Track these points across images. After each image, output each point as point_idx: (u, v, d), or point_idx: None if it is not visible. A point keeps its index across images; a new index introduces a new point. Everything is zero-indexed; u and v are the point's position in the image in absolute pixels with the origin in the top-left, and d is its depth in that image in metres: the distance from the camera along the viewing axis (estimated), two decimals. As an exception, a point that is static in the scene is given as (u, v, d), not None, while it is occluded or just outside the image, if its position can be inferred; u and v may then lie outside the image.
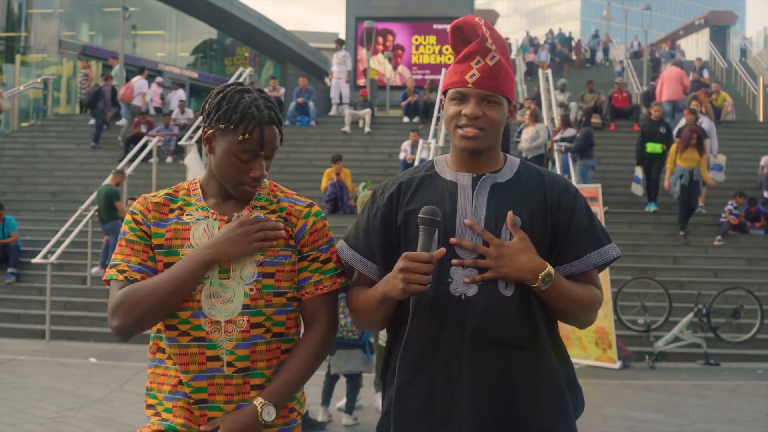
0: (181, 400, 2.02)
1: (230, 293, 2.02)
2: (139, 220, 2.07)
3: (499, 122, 2.02)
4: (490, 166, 2.05)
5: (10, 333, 10.11)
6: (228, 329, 2.01)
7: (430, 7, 25.04)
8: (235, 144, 2.01)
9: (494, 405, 1.92)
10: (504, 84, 2.02)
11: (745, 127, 17.98)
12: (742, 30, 66.82)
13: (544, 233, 2.00)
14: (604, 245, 2.06)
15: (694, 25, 43.68)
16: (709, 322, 9.26)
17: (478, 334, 1.93)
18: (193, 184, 2.15)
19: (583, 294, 2.02)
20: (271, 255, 2.06)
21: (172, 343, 2.03)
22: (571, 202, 2.04)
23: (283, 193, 2.17)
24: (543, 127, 13.13)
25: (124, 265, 2.04)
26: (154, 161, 14.29)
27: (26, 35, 25.11)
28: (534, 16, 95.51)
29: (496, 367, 1.93)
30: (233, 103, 2.03)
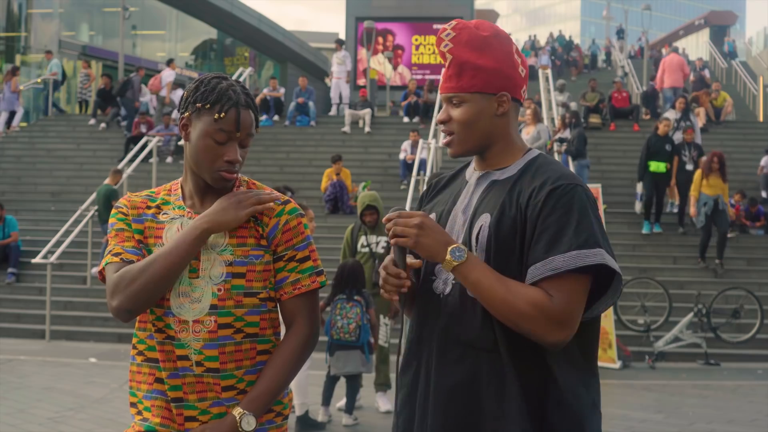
0: (159, 399, 2.02)
1: (199, 293, 2.00)
2: (125, 212, 2.07)
3: (467, 121, 1.94)
4: (498, 163, 1.99)
5: (10, 333, 10.11)
6: (195, 329, 1.99)
7: (430, 7, 25.04)
8: (211, 124, 2.00)
9: (458, 406, 1.88)
10: (466, 80, 1.95)
11: (745, 127, 17.99)
12: (743, 30, 66.84)
13: (513, 233, 1.86)
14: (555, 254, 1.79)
15: (694, 25, 43.69)
16: (709, 322, 9.26)
17: (446, 334, 1.92)
18: (175, 184, 2.14)
19: (496, 292, 1.80)
20: (241, 255, 2.03)
21: (149, 340, 2.03)
22: (541, 198, 1.83)
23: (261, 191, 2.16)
24: (544, 128, 13.13)
25: (119, 248, 2.03)
26: (154, 161, 14.29)
27: (26, 35, 25.12)
28: (534, 16, 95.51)
29: (461, 368, 1.88)
30: (210, 86, 2.03)
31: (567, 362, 1.86)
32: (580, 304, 1.82)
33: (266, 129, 17.02)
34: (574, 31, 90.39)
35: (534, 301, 1.78)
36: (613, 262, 1.81)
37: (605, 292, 1.87)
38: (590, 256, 1.78)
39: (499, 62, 1.95)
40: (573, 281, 1.79)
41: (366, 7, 25.20)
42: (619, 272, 1.84)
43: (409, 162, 14.00)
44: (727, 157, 15.28)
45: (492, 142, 1.98)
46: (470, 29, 1.98)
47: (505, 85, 1.96)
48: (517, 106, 2.01)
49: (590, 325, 1.93)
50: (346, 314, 5.96)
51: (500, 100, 1.96)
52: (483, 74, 1.94)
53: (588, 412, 1.90)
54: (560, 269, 1.78)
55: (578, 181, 1.88)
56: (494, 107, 1.96)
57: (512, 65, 1.97)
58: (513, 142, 2.00)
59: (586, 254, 1.78)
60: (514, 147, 2.00)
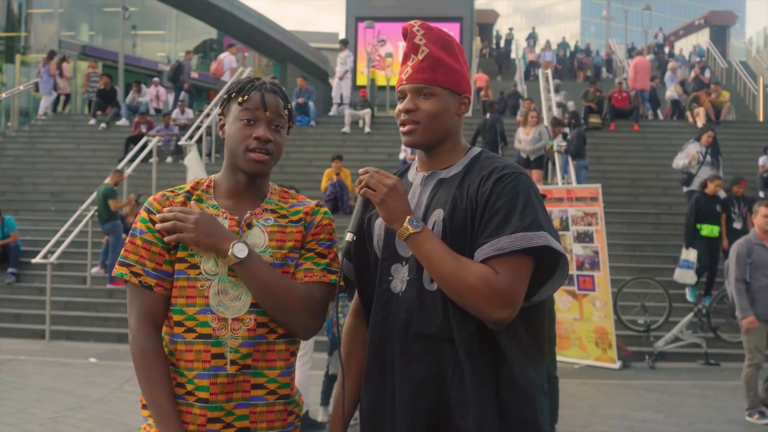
0: (179, 403, 2.01)
1: (238, 291, 2.03)
2: (156, 219, 2.07)
3: (435, 113, 2.01)
4: (443, 162, 2.07)
5: (10, 333, 10.11)
6: (234, 327, 2.02)
7: (430, 7, 25.02)
8: (238, 109, 2.09)
9: (425, 398, 1.93)
10: (440, 75, 2.02)
11: (745, 127, 17.99)
12: (743, 30, 66.83)
13: (465, 224, 1.93)
14: (501, 236, 1.86)
15: (694, 25, 43.68)
16: (709, 322, 9.26)
17: (407, 329, 1.96)
18: (208, 181, 2.18)
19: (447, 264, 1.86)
20: (280, 258, 2.08)
21: (177, 339, 2.03)
22: (489, 186, 1.93)
23: (295, 199, 2.21)
24: (544, 129, 13.14)
25: (139, 268, 2.04)
26: (154, 161, 14.29)
27: (26, 35, 25.12)
28: (534, 16, 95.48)
29: (426, 361, 1.93)
30: (236, 81, 2.15)
31: (517, 346, 1.93)
32: (523, 285, 1.89)
33: (266, 129, 17.02)
34: (574, 31, 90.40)
35: (482, 275, 1.85)
36: (557, 245, 1.89)
37: (552, 276, 1.94)
38: (535, 238, 1.86)
39: (462, 66, 2.07)
40: (518, 262, 1.87)
41: (366, 7, 25.19)
42: (565, 254, 1.92)
43: (409, 162, 13.99)
44: (727, 157, 15.31)
45: (446, 139, 2.07)
46: (439, 31, 2.10)
47: (467, 89, 2.07)
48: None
49: (538, 310, 2.00)
50: (347, 312, 5.95)
51: (462, 101, 2.07)
52: (454, 74, 2.04)
53: (539, 393, 1.96)
54: (505, 249, 1.85)
55: (522, 170, 1.98)
56: (457, 106, 2.06)
57: (468, 73, 2.10)
58: (460, 142, 2.10)
59: (530, 236, 1.86)
60: (460, 146, 2.09)
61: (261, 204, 2.14)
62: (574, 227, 8.87)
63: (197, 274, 2.03)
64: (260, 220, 2.11)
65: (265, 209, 2.13)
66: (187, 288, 2.03)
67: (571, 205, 8.94)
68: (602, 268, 8.70)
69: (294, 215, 2.15)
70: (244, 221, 2.09)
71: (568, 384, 7.31)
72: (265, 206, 2.14)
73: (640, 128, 16.79)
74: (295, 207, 2.17)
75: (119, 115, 17.89)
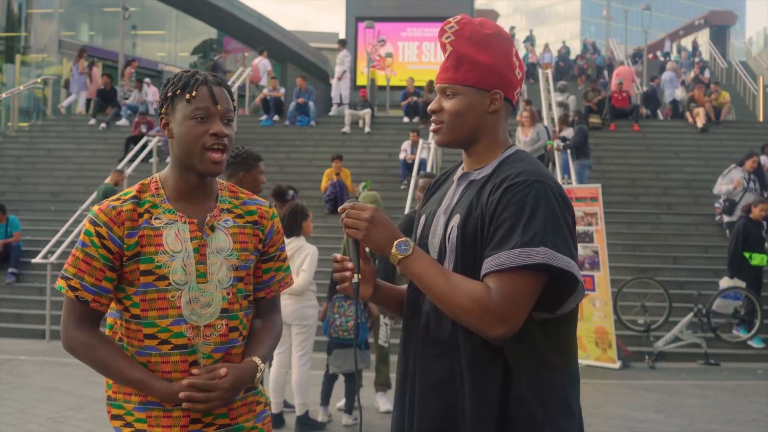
0: (156, 409, 1.99)
1: (208, 297, 2.01)
2: (103, 234, 1.98)
3: (457, 112, 1.97)
4: (479, 162, 2.02)
5: (10, 333, 10.12)
6: (206, 333, 2.00)
7: (430, 7, 25.02)
8: (186, 107, 2.00)
9: (437, 402, 1.91)
10: (463, 73, 1.97)
11: (745, 127, 17.99)
12: (743, 30, 66.81)
13: (476, 232, 1.88)
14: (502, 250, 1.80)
15: (694, 25, 43.66)
16: (709, 322, 9.25)
17: (425, 331, 1.95)
18: (155, 182, 2.08)
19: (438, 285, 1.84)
20: (244, 259, 2.07)
21: (151, 352, 1.99)
22: (497, 196, 1.86)
23: (245, 195, 2.17)
24: (542, 128, 13.12)
25: (76, 282, 1.99)
26: (154, 161, 14.30)
27: (26, 35, 25.12)
28: (534, 16, 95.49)
29: (439, 365, 1.91)
30: (176, 77, 2.06)
31: (534, 360, 1.86)
32: (522, 301, 1.81)
33: (266, 129, 17.03)
34: (574, 31, 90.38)
35: (473, 295, 1.81)
36: (562, 262, 1.79)
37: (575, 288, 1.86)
38: (532, 255, 1.78)
39: (497, 61, 1.97)
40: (516, 278, 1.79)
41: (366, 7, 25.19)
42: (570, 270, 1.81)
43: (409, 162, 14.01)
44: (727, 157, 15.30)
45: (478, 137, 2.00)
46: (474, 25, 2.00)
47: (500, 84, 1.98)
48: (509, 106, 2.03)
49: (563, 323, 1.92)
50: (344, 312, 5.96)
51: (493, 98, 1.98)
52: (480, 69, 1.96)
53: (556, 410, 1.87)
54: (504, 266, 1.79)
55: (539, 177, 1.87)
56: (486, 104, 1.98)
57: (509, 66, 1.99)
58: (498, 141, 2.02)
59: (528, 253, 1.78)
60: (497, 146, 2.02)
61: (216, 204, 2.08)
62: (574, 227, 8.86)
63: (167, 284, 1.98)
64: (220, 222, 2.07)
65: (222, 209, 2.09)
66: (158, 300, 1.98)
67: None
68: (602, 268, 8.70)
69: (249, 215, 2.12)
70: (206, 224, 2.04)
71: (568, 384, 7.30)
72: (221, 206, 2.09)
73: (640, 128, 16.79)
74: (247, 206, 2.13)
75: (119, 115, 17.89)
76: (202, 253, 2.02)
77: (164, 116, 2.05)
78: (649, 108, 18.76)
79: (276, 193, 6.50)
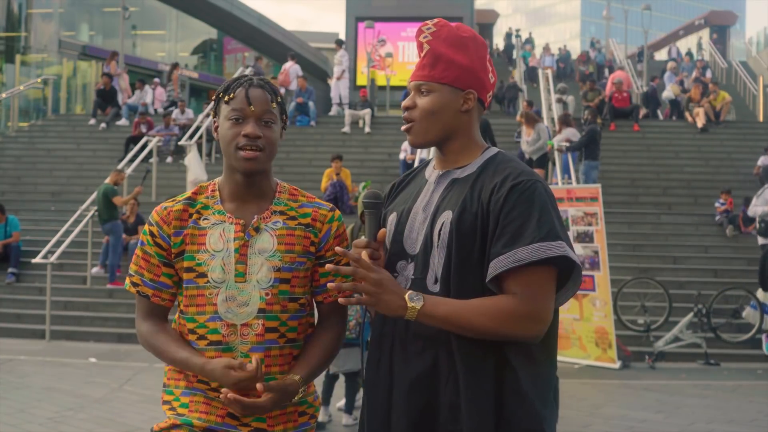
0: (198, 395, 2.07)
1: (246, 296, 2.05)
2: (155, 233, 2.11)
3: (430, 110, 1.98)
4: (457, 161, 2.03)
5: (10, 333, 10.11)
6: (244, 332, 2.04)
7: (430, 7, 24.97)
8: (226, 110, 2.09)
9: (418, 398, 1.92)
10: (439, 71, 1.99)
11: (745, 127, 17.99)
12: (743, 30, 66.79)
13: (474, 229, 1.89)
14: (517, 246, 1.82)
15: (694, 25, 43.65)
16: (709, 322, 9.25)
17: (407, 328, 1.95)
18: (213, 185, 2.17)
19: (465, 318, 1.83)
20: (289, 261, 2.08)
21: (193, 346, 2.08)
22: (503, 193, 1.87)
23: (305, 198, 2.19)
24: (544, 128, 13.11)
25: (138, 278, 2.14)
26: (154, 161, 14.30)
27: (26, 35, 25.12)
28: (534, 16, 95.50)
29: (422, 361, 1.92)
30: (226, 81, 2.15)
31: (523, 353, 1.90)
32: (548, 296, 1.87)
33: (266, 129, 17.01)
34: (574, 31, 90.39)
35: (502, 310, 1.83)
36: (574, 255, 1.86)
37: (565, 284, 1.92)
38: (552, 248, 1.82)
39: (472, 62, 2.02)
40: (538, 274, 1.84)
41: (366, 7, 25.18)
42: (579, 265, 1.89)
43: (409, 162, 14.01)
44: (727, 157, 15.32)
45: (452, 136, 2.02)
46: (451, 27, 2.06)
47: (474, 84, 2.02)
48: (481, 108, 2.06)
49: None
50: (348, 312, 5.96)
51: (466, 97, 2.01)
52: (455, 69, 2.00)
53: (547, 402, 1.93)
54: (524, 261, 1.81)
55: (537, 177, 1.93)
56: (459, 103, 2.01)
57: (484, 69, 2.04)
58: (473, 141, 2.05)
59: (548, 246, 1.82)
60: (473, 145, 2.04)
61: (269, 206, 2.12)
62: (574, 227, 8.87)
63: (205, 282, 2.05)
64: (269, 224, 2.10)
65: (274, 211, 2.12)
66: (197, 297, 2.06)
67: (571, 205, 8.94)
68: (602, 268, 8.70)
69: (303, 217, 2.13)
70: (251, 225, 2.08)
71: (568, 384, 7.31)
72: (274, 208, 2.12)
73: (640, 128, 16.79)
74: (304, 208, 2.15)
75: (119, 115, 17.89)
76: (243, 253, 2.06)
77: (215, 118, 2.15)
78: (649, 108, 18.76)
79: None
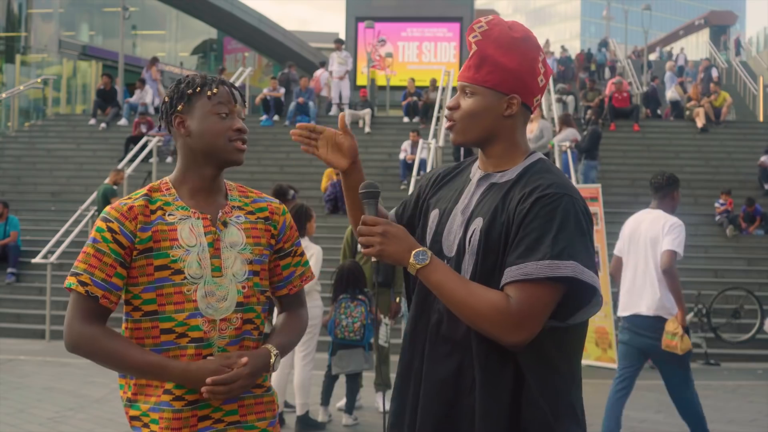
0: (166, 410, 2.00)
1: (224, 291, 2.04)
2: (115, 229, 2.01)
3: (471, 113, 1.97)
4: (498, 165, 2.00)
5: (10, 333, 10.12)
6: (222, 327, 2.03)
7: (430, 7, 25.01)
8: (207, 104, 2.07)
9: (443, 400, 1.93)
10: (483, 74, 1.96)
11: (745, 127, 17.99)
12: (743, 30, 66.78)
13: (500, 238, 1.88)
14: (529, 260, 1.80)
15: (694, 25, 43.69)
16: (709, 322, 9.26)
17: (436, 330, 1.96)
18: (165, 183, 2.13)
19: (457, 294, 1.85)
20: (258, 254, 2.11)
21: (168, 347, 2.00)
22: (527, 205, 1.85)
23: (254, 193, 2.22)
24: (547, 126, 13.08)
25: (87, 277, 1.99)
26: (154, 161, 14.30)
27: (26, 35, 25.13)
28: (535, 16, 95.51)
29: (449, 363, 1.93)
30: (189, 78, 2.13)
31: (543, 365, 1.88)
32: (541, 311, 1.83)
33: (266, 129, 17.03)
34: (574, 31, 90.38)
35: (492, 302, 1.82)
36: (588, 277, 1.81)
37: (589, 302, 1.88)
38: (562, 268, 1.79)
39: (520, 65, 1.96)
40: (540, 288, 1.81)
41: (366, 7, 25.17)
42: (596, 286, 1.84)
43: (409, 162, 14.01)
44: (727, 157, 15.31)
45: (493, 140, 2.00)
46: (503, 27, 2.00)
47: (519, 88, 1.97)
48: (527, 112, 2.01)
49: (574, 332, 1.94)
50: (351, 313, 5.96)
51: (510, 102, 1.97)
52: (501, 72, 1.96)
53: (563, 415, 1.89)
54: (530, 276, 1.80)
55: (569, 191, 1.88)
56: (503, 107, 1.97)
57: (532, 72, 1.98)
58: (516, 146, 2.01)
59: (558, 265, 1.79)
60: (516, 150, 2.01)
61: (227, 202, 2.13)
62: (574, 227, 8.87)
63: (182, 278, 2.01)
64: (233, 218, 2.11)
65: (233, 206, 2.13)
66: (174, 294, 2.00)
67: (571, 205, 8.94)
68: (602, 268, 8.70)
69: (260, 212, 2.16)
70: (219, 220, 2.08)
71: (568, 384, 7.30)
72: (232, 203, 2.14)
73: (640, 128, 16.79)
74: (257, 203, 2.18)
75: (119, 115, 17.89)
76: (217, 247, 2.05)
77: (180, 114, 2.08)
78: (650, 108, 18.76)
79: (277, 192, 6.51)
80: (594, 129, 13.48)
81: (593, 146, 13.20)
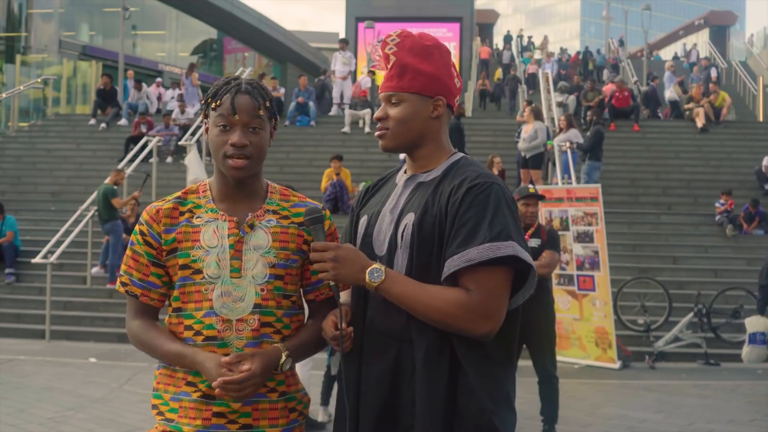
0: (184, 400, 2.06)
1: (241, 292, 2.07)
2: (144, 231, 2.13)
3: (403, 119, 2.05)
4: (425, 166, 2.10)
5: (10, 333, 10.11)
6: (239, 327, 2.05)
7: (430, 7, 25.04)
8: (213, 114, 2.10)
9: (383, 394, 1.98)
10: (407, 81, 2.05)
11: (745, 127, 18.00)
12: (743, 30, 66.78)
13: (433, 230, 1.96)
14: (470, 247, 1.88)
15: (694, 25, 43.67)
16: (709, 322, 9.26)
17: (372, 325, 2.02)
18: (203, 185, 2.20)
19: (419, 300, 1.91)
20: (283, 258, 2.11)
21: (190, 343, 2.08)
22: (459, 196, 1.94)
23: (297, 198, 2.22)
24: (543, 127, 13.08)
25: (127, 278, 2.16)
26: (154, 161, 14.30)
27: (26, 35, 25.13)
28: (535, 16, 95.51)
29: (386, 358, 1.98)
30: (214, 86, 2.16)
31: (479, 353, 1.94)
32: (501, 295, 1.92)
33: (266, 129, 17.01)
34: (574, 31, 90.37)
35: (455, 300, 1.89)
36: (526, 255, 1.91)
37: (522, 286, 1.98)
38: (502, 248, 1.88)
39: (438, 69, 2.08)
40: (490, 274, 1.90)
41: (366, 7, 25.20)
42: (533, 265, 1.94)
43: (409, 162, 13.99)
44: (727, 157, 15.31)
45: (422, 142, 2.10)
46: (414, 38, 2.11)
47: (442, 91, 2.08)
48: (450, 113, 2.12)
49: (506, 323, 1.99)
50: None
51: (436, 104, 2.08)
52: (423, 77, 2.06)
53: (501, 403, 1.97)
54: (474, 261, 1.88)
55: (495, 180, 1.99)
56: (429, 110, 2.08)
57: (449, 75, 2.11)
58: (441, 147, 2.12)
59: (498, 246, 1.88)
60: (442, 151, 2.12)
61: (262, 205, 2.15)
62: (574, 227, 8.87)
63: (201, 278, 2.07)
64: (262, 222, 2.13)
65: (267, 210, 2.15)
66: (194, 293, 2.08)
67: (571, 205, 8.94)
68: (602, 268, 8.70)
69: (296, 216, 2.16)
70: (246, 222, 2.11)
71: (568, 384, 7.31)
72: (267, 207, 2.15)
73: (640, 128, 16.79)
74: (297, 208, 2.19)
75: (119, 115, 17.90)
76: (238, 249, 2.08)
77: (206, 120, 2.16)
78: (649, 108, 18.76)
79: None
80: (597, 129, 13.47)
81: (596, 146, 13.17)
